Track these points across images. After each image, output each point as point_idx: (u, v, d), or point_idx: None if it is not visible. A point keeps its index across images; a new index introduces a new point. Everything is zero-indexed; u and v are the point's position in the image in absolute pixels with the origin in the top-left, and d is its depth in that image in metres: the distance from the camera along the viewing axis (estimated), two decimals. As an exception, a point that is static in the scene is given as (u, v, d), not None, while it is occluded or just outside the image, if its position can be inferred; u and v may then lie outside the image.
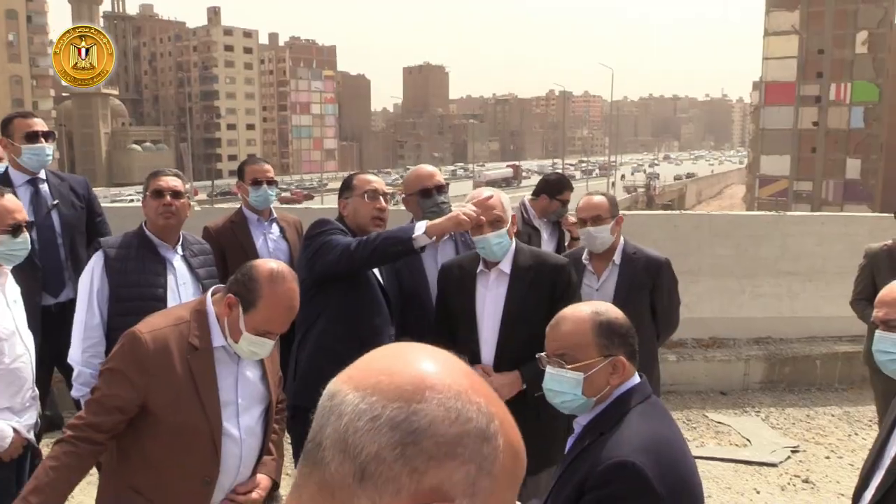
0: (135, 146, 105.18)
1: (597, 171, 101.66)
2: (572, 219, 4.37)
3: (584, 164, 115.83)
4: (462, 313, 3.02)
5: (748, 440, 5.27)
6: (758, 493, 4.53)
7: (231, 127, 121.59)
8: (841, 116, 70.94)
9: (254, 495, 2.29)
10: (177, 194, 3.19)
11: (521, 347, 2.79)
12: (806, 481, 4.68)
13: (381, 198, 3.02)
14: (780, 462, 4.92)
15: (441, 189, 3.38)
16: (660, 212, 9.83)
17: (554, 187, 4.52)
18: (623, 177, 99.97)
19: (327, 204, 26.36)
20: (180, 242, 3.30)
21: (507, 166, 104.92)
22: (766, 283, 6.65)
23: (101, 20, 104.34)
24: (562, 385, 1.95)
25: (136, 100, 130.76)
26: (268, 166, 4.22)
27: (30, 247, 2.91)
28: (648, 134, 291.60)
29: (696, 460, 4.91)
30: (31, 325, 3.11)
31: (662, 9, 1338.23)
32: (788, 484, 4.66)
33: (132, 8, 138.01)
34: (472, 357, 2.92)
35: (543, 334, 2.56)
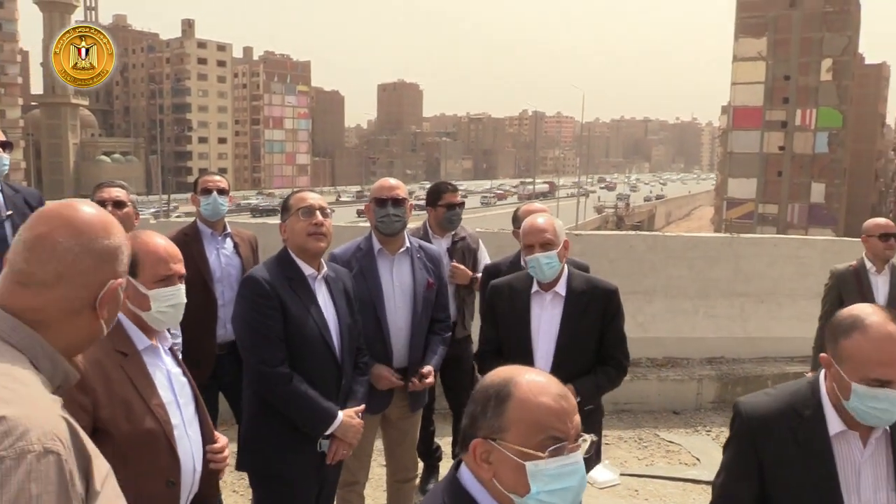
0: (104, 157, 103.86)
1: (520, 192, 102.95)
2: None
3: (527, 186, 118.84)
4: (516, 331, 3.20)
5: (698, 459, 5.35)
6: (704, 511, 4.61)
7: (203, 140, 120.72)
8: (806, 141, 72.42)
9: (225, 454, 2.31)
10: (118, 204, 3.26)
11: (574, 364, 3.11)
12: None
13: (316, 213, 2.96)
14: (728, 481, 4.99)
15: (397, 202, 3.46)
16: (615, 232, 9.98)
17: (429, 197, 4.49)
18: (599, 198, 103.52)
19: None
20: None
21: (545, 182, 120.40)
22: (720, 303, 6.77)
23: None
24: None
25: (107, 111, 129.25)
26: (219, 178, 4.22)
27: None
28: (620, 155, 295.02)
29: (645, 479, 4.99)
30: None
31: (635, 32, 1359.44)
32: (734, 502, 4.73)
33: (105, 18, 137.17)
34: None
35: (594, 352, 3.18)
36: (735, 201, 76.17)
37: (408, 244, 3.58)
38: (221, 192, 4.13)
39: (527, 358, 3.11)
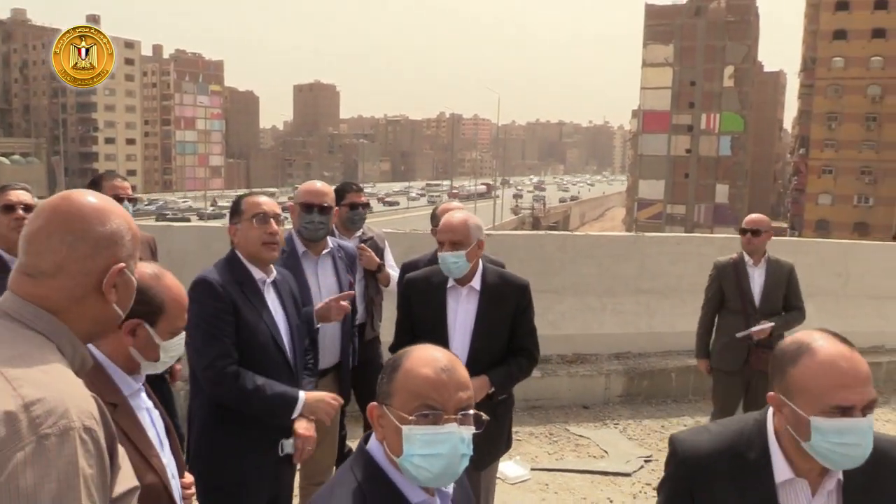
0: (2, 159, 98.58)
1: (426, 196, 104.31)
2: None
3: (433, 189, 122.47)
4: (432, 323, 3.27)
5: (606, 452, 5.50)
6: (611, 502, 4.73)
7: (109, 141, 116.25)
8: (711, 145, 75.52)
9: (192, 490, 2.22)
10: (28, 208, 3.17)
11: (489, 356, 3.24)
12: (656, 489, 4.93)
13: (271, 221, 2.89)
14: (634, 472, 5.16)
15: (323, 210, 3.51)
16: (525, 232, 10.17)
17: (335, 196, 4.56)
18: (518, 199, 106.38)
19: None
20: None
21: (482, 184, 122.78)
22: (626, 300, 6.98)
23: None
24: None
25: (5, 109, 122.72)
26: (126, 183, 4.06)
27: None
28: (535, 157, 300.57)
29: (555, 472, 5.10)
30: None
31: (550, 37, 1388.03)
32: (640, 492, 4.89)
33: (3, 12, 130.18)
34: None
35: (507, 344, 3.30)
36: (645, 202, 78.73)
37: (330, 245, 3.66)
38: (131, 200, 4.00)
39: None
